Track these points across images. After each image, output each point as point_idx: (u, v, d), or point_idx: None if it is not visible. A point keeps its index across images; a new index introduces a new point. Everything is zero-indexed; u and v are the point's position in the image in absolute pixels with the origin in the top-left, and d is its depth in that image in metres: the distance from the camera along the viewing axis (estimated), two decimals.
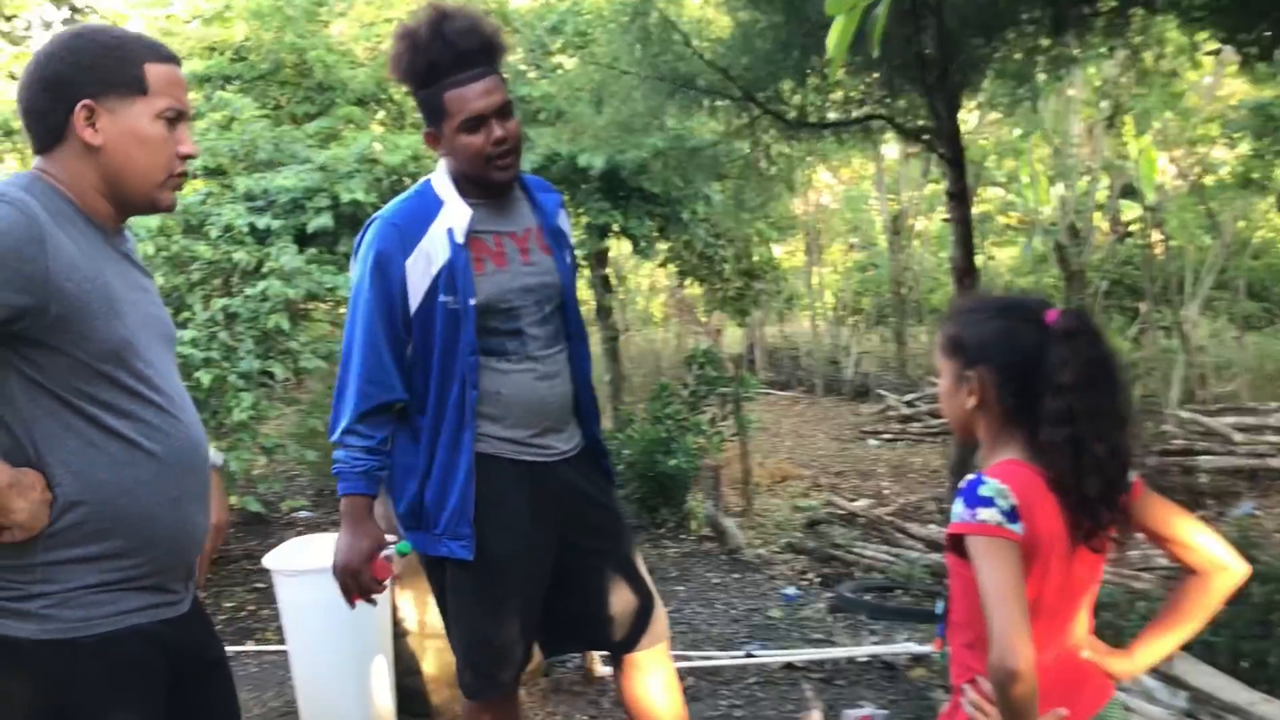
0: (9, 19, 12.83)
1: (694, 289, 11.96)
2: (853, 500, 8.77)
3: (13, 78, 13.22)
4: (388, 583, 2.91)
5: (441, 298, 2.61)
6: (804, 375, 15.78)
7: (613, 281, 17.71)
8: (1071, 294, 9.35)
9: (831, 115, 3.85)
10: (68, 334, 1.74)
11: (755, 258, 8.44)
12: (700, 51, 3.19)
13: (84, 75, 1.79)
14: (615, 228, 6.81)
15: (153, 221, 5.77)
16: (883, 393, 13.62)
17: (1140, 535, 1.97)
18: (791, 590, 6.03)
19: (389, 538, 2.77)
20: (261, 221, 5.94)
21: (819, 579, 6.35)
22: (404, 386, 2.64)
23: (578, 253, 8.25)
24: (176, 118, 1.87)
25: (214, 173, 6.47)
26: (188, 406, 1.98)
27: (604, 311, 9.05)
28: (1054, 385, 1.81)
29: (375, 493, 2.68)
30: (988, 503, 1.78)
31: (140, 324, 1.87)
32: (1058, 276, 10.00)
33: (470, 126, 2.55)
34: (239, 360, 5.40)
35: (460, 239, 2.60)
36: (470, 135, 2.56)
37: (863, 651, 4.79)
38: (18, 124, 1.84)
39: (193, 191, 6.39)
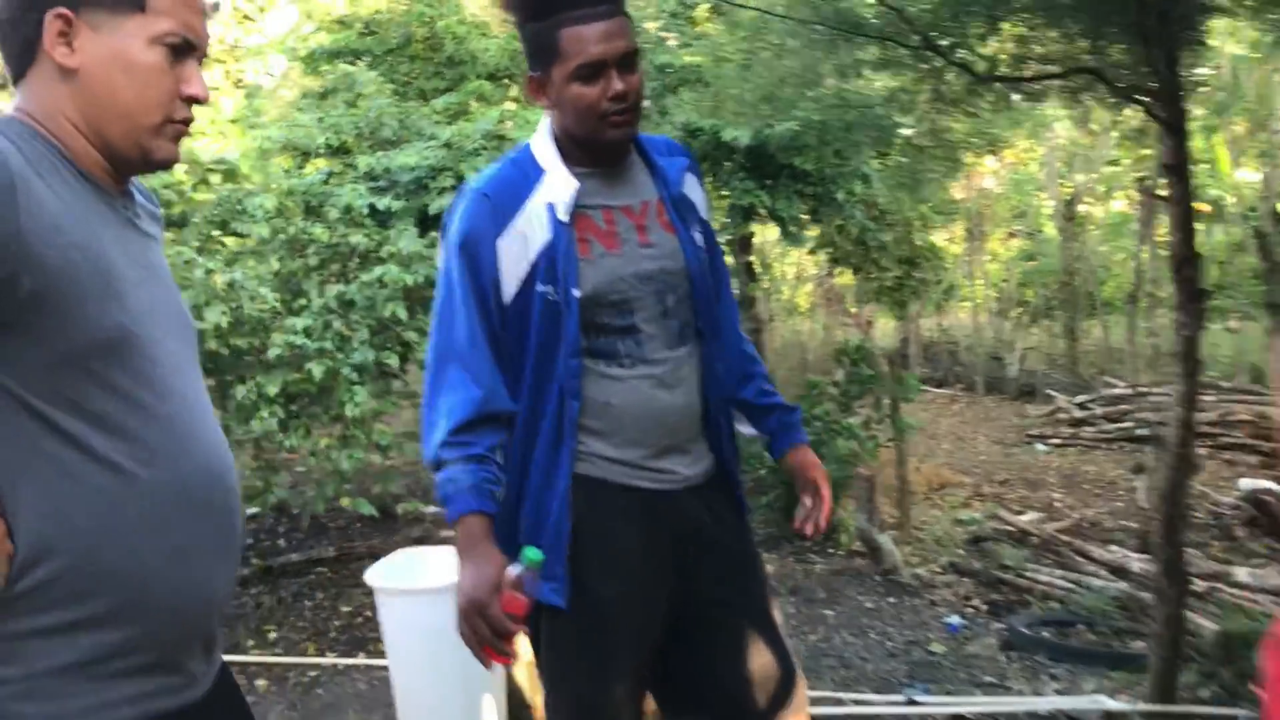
0: None
1: (845, 278, 11.23)
2: (1019, 513, 8.01)
3: None
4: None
5: (539, 287, 2.10)
6: (963, 372, 14.84)
7: (757, 269, 17.10)
8: (1274, 286, 8.33)
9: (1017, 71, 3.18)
10: (47, 317, 1.28)
11: (918, 243, 7.70)
12: None
13: None
14: (762, 210, 6.22)
15: (270, 202, 5.44)
16: (1051, 393, 12.63)
17: None
18: (955, 619, 5.36)
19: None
20: (382, 202, 5.55)
21: (986, 606, 5.66)
22: (510, 394, 2.12)
23: (722, 238, 7.73)
24: (183, 48, 1.43)
25: (338, 151, 6.14)
26: (207, 421, 1.50)
27: (747, 302, 8.46)
28: None
29: (493, 510, 2.11)
30: None
31: (146, 310, 1.41)
32: (1257, 267, 8.94)
33: (586, 75, 2.04)
34: (352, 351, 5.01)
35: (563, 216, 2.09)
36: (585, 85, 2.04)
37: (1045, 704, 4.11)
38: None
39: (314, 170, 6.07)
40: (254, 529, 7.94)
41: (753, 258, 8.67)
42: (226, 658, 3.16)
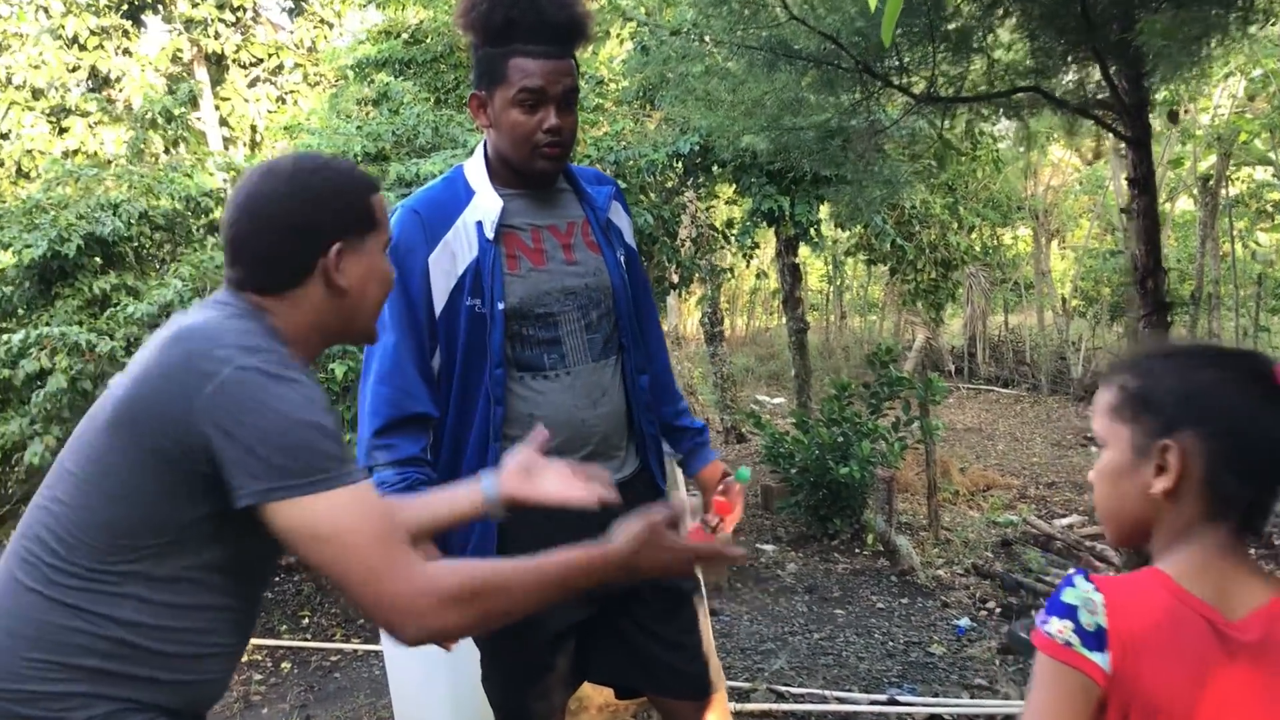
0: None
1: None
2: (1064, 515, 7.97)
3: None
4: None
5: (467, 300, 2.26)
6: (1028, 372, 14.63)
7: (825, 268, 17.03)
8: None
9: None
10: None
11: (958, 245, 7.64)
12: (802, 16, 2.69)
13: (328, 217, 1.64)
14: (783, 215, 6.30)
15: None
16: None
17: None
18: (964, 622, 5.39)
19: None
20: None
21: (1000, 610, 5.67)
22: (433, 401, 2.29)
23: (753, 239, 7.81)
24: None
25: (376, 158, 6.37)
26: None
27: (792, 302, 8.53)
28: None
29: None
30: (1067, 612, 1.27)
31: None
32: None
33: (526, 103, 2.19)
34: None
35: (490, 234, 2.25)
36: (524, 113, 2.19)
37: (1022, 708, 4.14)
38: None
39: None
40: None
41: (798, 259, 8.70)
42: (259, 641, 3.43)
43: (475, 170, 2.33)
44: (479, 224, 2.26)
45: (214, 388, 1.42)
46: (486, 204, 2.27)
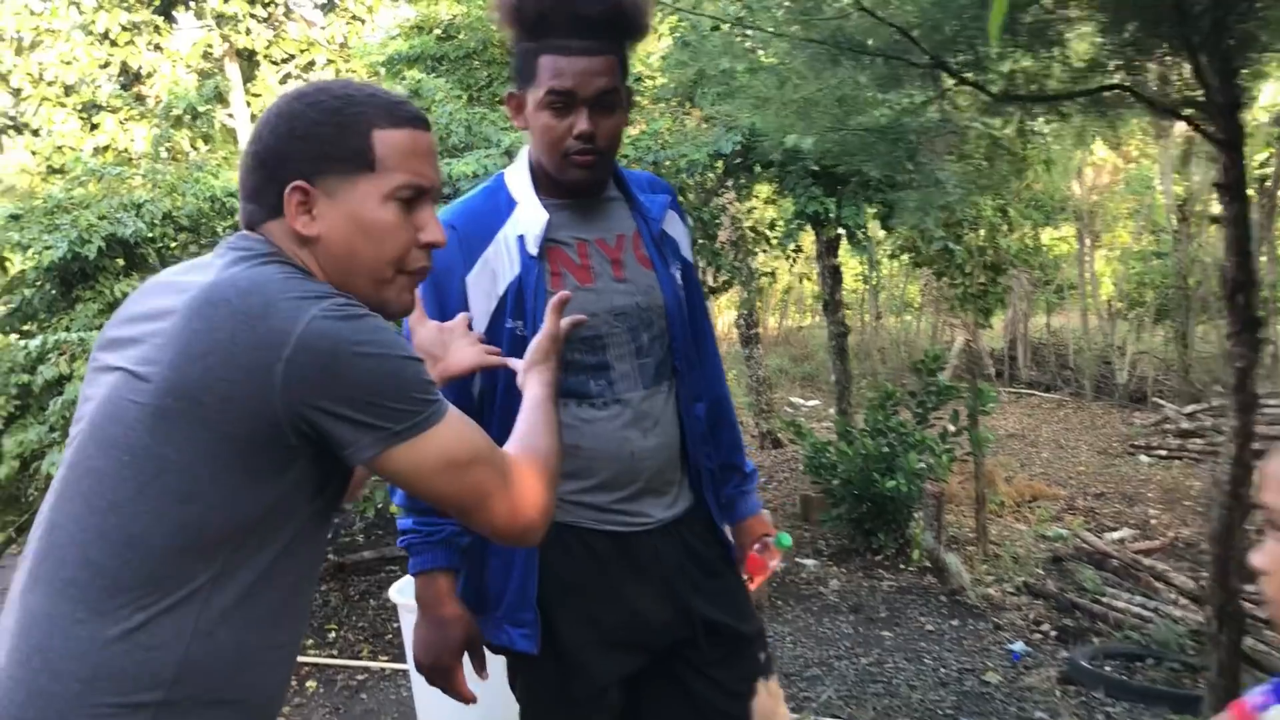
0: None
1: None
2: (1114, 529, 7.68)
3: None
4: None
5: (508, 323, 2.04)
6: (1071, 376, 14.26)
7: (863, 267, 16.74)
8: None
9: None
10: None
11: (1008, 248, 7.36)
12: (870, 7, 2.45)
13: (297, 148, 1.40)
14: (829, 218, 6.06)
15: None
16: (1159, 401, 12.04)
17: None
18: (1019, 646, 5.13)
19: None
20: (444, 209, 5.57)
21: (1055, 633, 5.41)
22: None
23: (799, 242, 7.56)
24: (415, 197, 1.44)
25: None
26: None
27: (832, 305, 8.27)
28: None
29: (457, 565, 2.07)
30: None
31: None
32: None
33: (555, 105, 1.95)
34: None
35: (533, 249, 2.02)
36: (552, 116, 1.96)
37: None
38: None
39: None
40: (337, 523, 8.10)
41: (839, 260, 8.45)
42: None
43: (518, 179, 2.10)
44: (520, 239, 2.03)
45: (293, 349, 1.24)
46: (529, 217, 2.04)
